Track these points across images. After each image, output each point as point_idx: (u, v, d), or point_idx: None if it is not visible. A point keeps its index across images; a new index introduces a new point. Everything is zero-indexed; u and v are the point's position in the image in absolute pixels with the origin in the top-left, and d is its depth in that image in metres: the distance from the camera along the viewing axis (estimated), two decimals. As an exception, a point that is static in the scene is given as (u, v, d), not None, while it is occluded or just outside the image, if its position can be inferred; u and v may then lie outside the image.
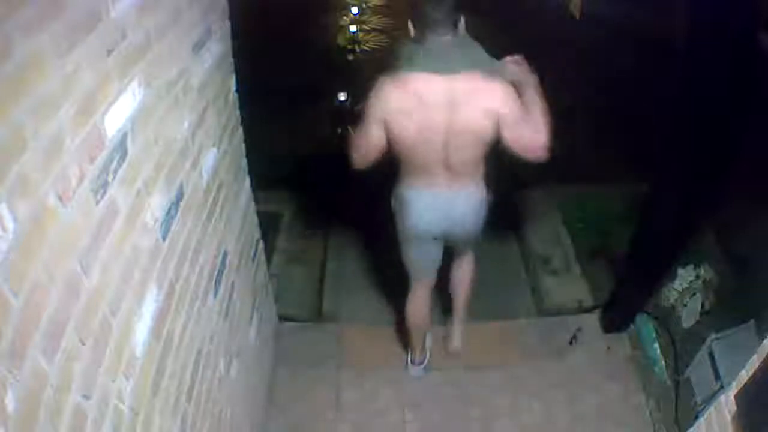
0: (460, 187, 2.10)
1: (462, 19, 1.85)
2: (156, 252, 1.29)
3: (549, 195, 3.94)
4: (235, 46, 1.89)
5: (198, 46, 1.53)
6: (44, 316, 0.85)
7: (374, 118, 1.94)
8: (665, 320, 2.87)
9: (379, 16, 7.50)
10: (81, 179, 0.94)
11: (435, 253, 2.35)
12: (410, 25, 1.86)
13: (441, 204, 2.11)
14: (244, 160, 2.17)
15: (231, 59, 1.89)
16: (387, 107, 1.89)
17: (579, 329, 3.02)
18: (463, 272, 2.60)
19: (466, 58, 1.86)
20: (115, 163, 1.06)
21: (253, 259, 2.35)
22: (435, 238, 2.26)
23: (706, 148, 2.23)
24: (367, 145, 2.00)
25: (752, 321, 2.36)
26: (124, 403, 1.13)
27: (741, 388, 1.27)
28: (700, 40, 2.06)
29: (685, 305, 2.83)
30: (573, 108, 5.21)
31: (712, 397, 2.19)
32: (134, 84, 1.13)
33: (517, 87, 1.99)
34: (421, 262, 2.37)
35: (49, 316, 0.86)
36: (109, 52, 1.02)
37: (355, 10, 7.27)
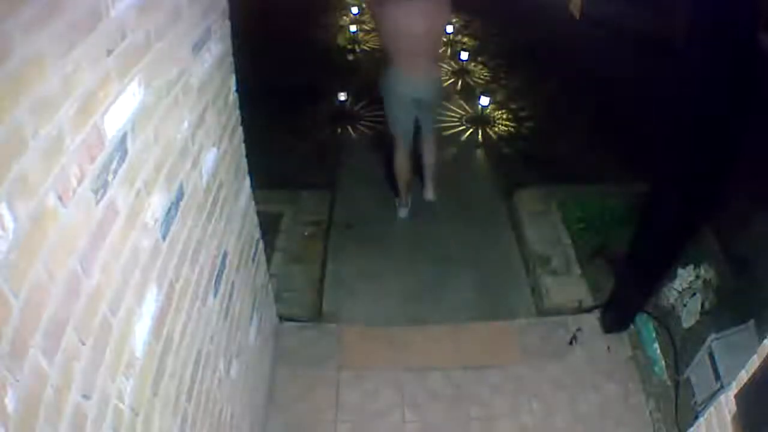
0: (426, 69, 3.26)
1: None
2: (156, 252, 1.29)
3: (549, 195, 3.94)
4: (235, 46, 1.89)
5: (198, 46, 1.53)
6: (44, 316, 0.85)
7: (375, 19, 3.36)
8: (665, 320, 2.87)
9: (379, 16, 7.49)
10: (81, 179, 0.94)
11: (410, 114, 3.46)
12: None
13: (414, 80, 3.24)
14: (244, 160, 2.17)
15: (231, 59, 1.89)
16: (382, 17, 3.08)
17: (579, 329, 3.02)
18: (429, 153, 3.80)
19: None
20: (115, 163, 1.06)
21: (253, 259, 2.35)
22: (412, 100, 3.34)
23: (706, 149, 2.23)
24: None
25: (752, 321, 2.37)
26: (124, 403, 1.13)
27: (741, 388, 1.27)
28: (700, 40, 2.06)
29: (685, 305, 2.83)
30: (573, 108, 5.23)
31: (712, 397, 2.19)
32: (134, 84, 1.13)
33: None
34: (401, 122, 3.50)
35: (49, 316, 0.86)
36: (109, 52, 1.02)
37: (355, 10, 7.29)
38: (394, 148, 3.66)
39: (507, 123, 5.15)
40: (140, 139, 1.17)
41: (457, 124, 5.12)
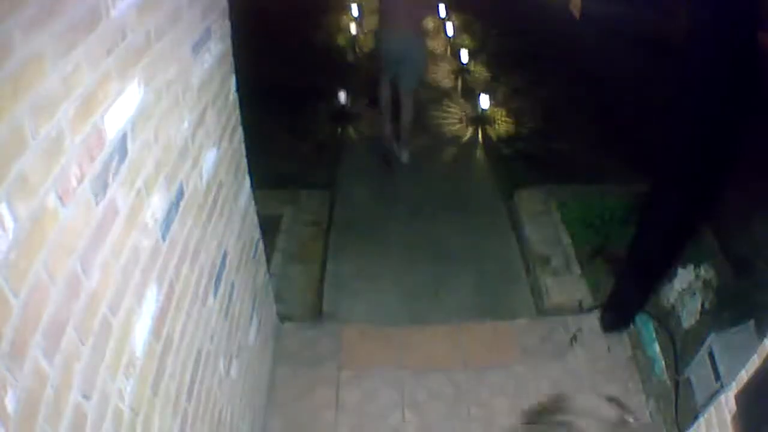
0: (414, 31, 4.13)
1: None
2: (156, 252, 1.29)
3: (549, 195, 3.94)
4: (235, 46, 1.89)
5: (198, 46, 1.53)
6: (44, 316, 0.85)
7: None
8: (665, 320, 2.87)
9: (380, 16, 7.49)
10: (81, 179, 0.94)
11: (395, 64, 4.21)
12: None
13: (402, 38, 4.06)
14: (244, 160, 2.17)
15: (231, 59, 1.89)
16: None
17: (579, 329, 3.02)
18: (406, 111, 4.41)
19: None
20: (115, 163, 1.06)
21: (253, 259, 2.35)
22: (395, 56, 4.14)
23: (706, 149, 2.23)
24: None
25: (752, 321, 2.37)
26: (124, 403, 1.13)
27: (741, 388, 1.27)
28: (700, 40, 2.06)
29: (685, 305, 2.83)
30: (573, 108, 5.23)
31: (712, 397, 2.19)
32: (134, 84, 1.13)
33: None
34: (389, 68, 4.28)
35: (49, 316, 0.86)
36: (109, 52, 1.02)
37: (355, 11, 7.28)
38: (380, 83, 4.44)
39: (507, 123, 5.15)
40: (140, 139, 1.17)
41: (457, 123, 5.12)
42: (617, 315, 3.00)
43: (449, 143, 4.86)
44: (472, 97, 5.46)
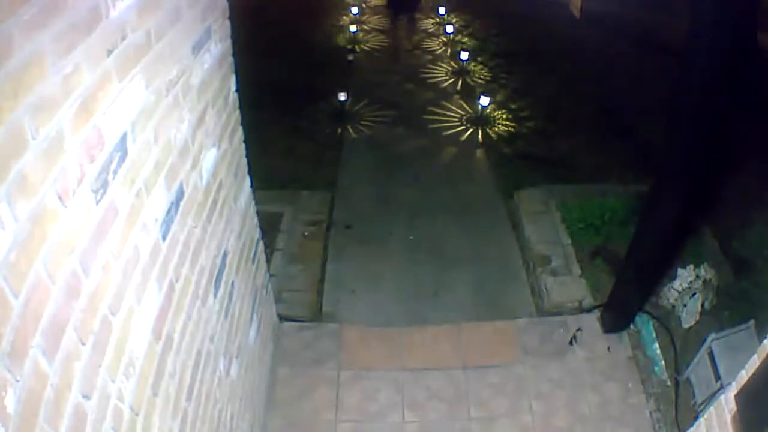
0: None
1: None
2: (156, 252, 1.28)
3: (549, 195, 3.94)
4: (235, 46, 1.89)
5: (198, 46, 1.53)
6: (44, 316, 0.85)
7: None
8: (665, 320, 2.87)
9: (379, 15, 7.52)
10: (81, 179, 0.94)
11: None
12: None
13: None
14: (244, 160, 2.16)
15: (231, 59, 1.89)
16: None
17: (579, 329, 3.02)
18: None
19: None
20: (115, 162, 1.06)
21: (253, 259, 2.35)
22: None
23: (706, 149, 2.23)
24: None
25: (752, 321, 2.37)
26: (124, 403, 1.13)
27: (741, 388, 1.27)
28: (700, 40, 2.06)
29: (685, 305, 2.83)
30: (573, 108, 5.23)
31: (712, 397, 2.19)
32: (134, 84, 1.13)
33: None
34: None
35: (49, 316, 0.86)
36: (109, 52, 1.02)
37: (355, 10, 7.29)
38: None
39: (507, 123, 5.15)
40: (140, 139, 1.17)
41: (457, 124, 5.12)
42: (617, 315, 3.00)
43: (449, 143, 4.86)
44: (472, 97, 5.46)
